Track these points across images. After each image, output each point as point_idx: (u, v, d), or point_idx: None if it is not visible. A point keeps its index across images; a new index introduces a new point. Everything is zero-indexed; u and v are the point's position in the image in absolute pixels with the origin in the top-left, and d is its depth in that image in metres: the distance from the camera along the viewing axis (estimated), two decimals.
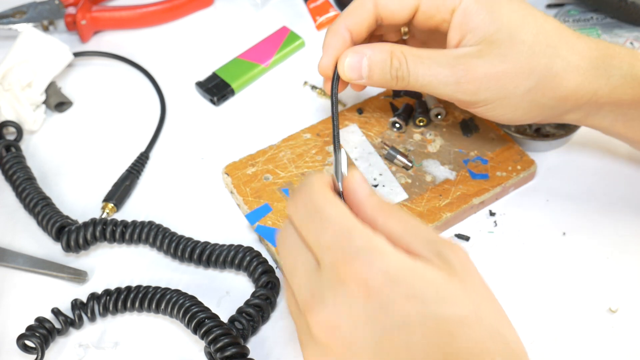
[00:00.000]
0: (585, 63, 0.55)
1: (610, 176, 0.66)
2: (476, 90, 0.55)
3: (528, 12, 0.56)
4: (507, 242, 0.62)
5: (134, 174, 0.67)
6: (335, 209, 0.43)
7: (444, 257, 0.42)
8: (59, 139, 0.71)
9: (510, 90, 0.55)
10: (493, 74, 0.54)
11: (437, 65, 0.55)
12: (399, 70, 0.55)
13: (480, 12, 0.55)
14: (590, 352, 0.56)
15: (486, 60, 0.54)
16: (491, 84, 0.55)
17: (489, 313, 0.42)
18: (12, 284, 0.61)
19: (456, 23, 0.56)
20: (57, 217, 0.62)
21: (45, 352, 0.56)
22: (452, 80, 0.55)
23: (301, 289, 0.43)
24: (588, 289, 0.59)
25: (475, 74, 0.54)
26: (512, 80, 0.55)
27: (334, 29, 0.58)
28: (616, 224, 0.63)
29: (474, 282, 0.42)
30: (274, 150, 0.66)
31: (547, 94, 0.55)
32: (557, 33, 0.56)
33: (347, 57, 0.56)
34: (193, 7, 0.81)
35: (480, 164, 0.65)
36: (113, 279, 0.61)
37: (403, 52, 0.55)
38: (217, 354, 0.54)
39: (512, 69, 0.54)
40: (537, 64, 0.54)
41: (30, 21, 0.76)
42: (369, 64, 0.56)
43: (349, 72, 0.56)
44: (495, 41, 0.54)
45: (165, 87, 0.74)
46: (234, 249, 0.59)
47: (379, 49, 0.56)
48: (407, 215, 0.44)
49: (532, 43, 0.54)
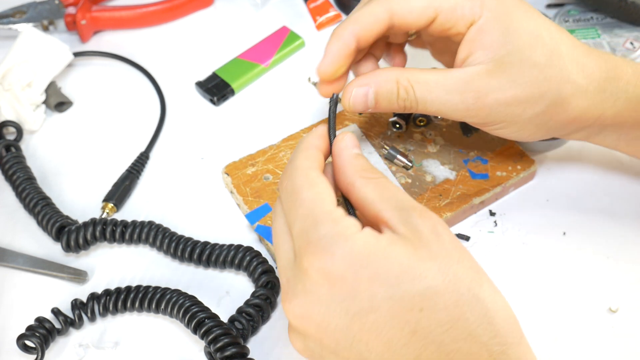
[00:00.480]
0: (593, 87, 0.54)
1: (610, 176, 0.66)
2: (485, 115, 0.54)
3: (545, 30, 0.54)
4: (507, 242, 0.62)
5: (134, 174, 0.67)
6: (309, 192, 0.45)
7: (413, 224, 0.43)
8: (59, 139, 0.71)
9: (518, 115, 0.54)
10: (502, 100, 0.53)
11: (446, 92, 0.53)
12: (406, 100, 0.54)
13: (494, 32, 0.53)
14: (590, 352, 0.56)
15: (496, 83, 0.53)
16: (500, 109, 0.54)
17: (461, 275, 0.43)
18: (12, 284, 0.61)
19: (469, 38, 0.54)
20: (57, 217, 0.62)
21: (45, 352, 0.56)
22: (462, 107, 0.54)
23: (282, 278, 0.46)
24: (588, 288, 0.59)
25: (485, 101, 0.53)
26: (521, 105, 0.54)
27: (340, 34, 0.54)
28: (616, 223, 0.63)
29: (444, 247, 0.43)
30: (274, 150, 0.66)
31: (554, 118, 0.55)
32: (570, 52, 0.54)
33: (352, 91, 0.54)
34: (193, 7, 0.80)
35: (480, 163, 0.65)
36: (113, 279, 0.61)
37: (410, 81, 0.53)
38: (217, 354, 0.54)
39: (521, 94, 0.53)
40: (547, 90, 0.53)
41: (30, 21, 0.76)
42: (375, 96, 0.54)
43: (354, 105, 0.54)
44: (506, 63, 0.53)
45: (165, 87, 0.74)
46: (234, 249, 0.59)
47: (385, 78, 0.54)
48: (385, 182, 0.46)
49: (544, 66, 0.53)
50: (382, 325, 0.42)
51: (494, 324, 0.42)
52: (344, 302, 0.42)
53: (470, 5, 0.53)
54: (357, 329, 0.42)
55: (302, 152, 0.48)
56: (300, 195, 0.45)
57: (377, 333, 0.42)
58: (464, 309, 0.42)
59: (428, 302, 0.42)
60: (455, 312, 0.42)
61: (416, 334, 0.42)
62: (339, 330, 0.43)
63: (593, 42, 0.74)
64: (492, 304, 0.43)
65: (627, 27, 0.75)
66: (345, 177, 0.47)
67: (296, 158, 0.47)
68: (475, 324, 0.42)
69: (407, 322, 0.42)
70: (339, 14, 0.80)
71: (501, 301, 0.44)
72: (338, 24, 0.79)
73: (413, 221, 0.43)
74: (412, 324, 0.42)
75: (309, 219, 0.44)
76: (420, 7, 0.53)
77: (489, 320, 0.42)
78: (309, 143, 0.48)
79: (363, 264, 0.42)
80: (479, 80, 0.53)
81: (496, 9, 0.53)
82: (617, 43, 0.74)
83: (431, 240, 0.43)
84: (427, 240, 0.43)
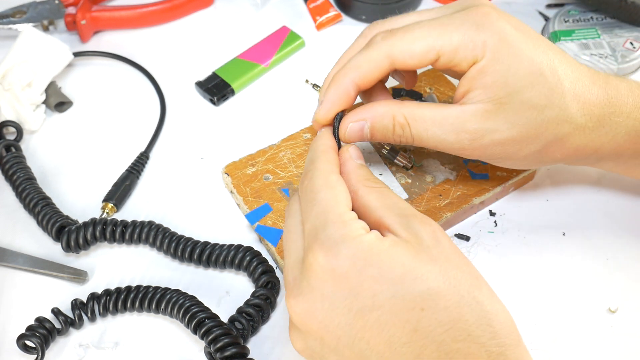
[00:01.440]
0: (592, 123, 0.54)
1: (610, 176, 0.66)
2: (481, 154, 0.54)
3: (547, 67, 0.52)
4: (507, 242, 0.62)
5: (134, 174, 0.67)
6: (326, 194, 0.47)
7: (414, 230, 0.45)
8: (59, 139, 0.71)
9: (514, 153, 0.54)
10: (498, 141, 0.53)
11: (442, 132, 0.53)
12: (402, 136, 0.54)
13: (495, 73, 0.52)
14: (590, 352, 0.56)
15: (492, 125, 0.52)
16: (496, 149, 0.54)
17: (461, 279, 0.44)
18: (12, 284, 0.61)
19: (469, 76, 0.53)
20: (57, 217, 0.62)
21: (45, 352, 0.56)
22: (457, 146, 0.53)
23: (288, 276, 0.47)
24: (587, 289, 0.59)
25: (481, 142, 0.53)
26: (517, 145, 0.53)
27: (339, 82, 0.53)
28: (616, 224, 0.63)
29: (444, 252, 0.44)
30: (274, 150, 0.66)
31: (550, 154, 0.55)
32: (572, 90, 0.53)
33: (348, 125, 0.53)
34: (193, 7, 0.81)
35: (481, 163, 0.65)
36: (113, 279, 0.61)
37: (406, 117, 0.53)
38: (217, 354, 0.54)
39: (518, 135, 0.53)
40: (545, 130, 0.53)
41: (30, 21, 0.76)
42: (371, 130, 0.54)
43: (350, 137, 0.54)
44: (505, 104, 0.52)
45: (165, 87, 0.74)
46: (234, 249, 0.60)
47: (381, 113, 0.53)
48: (387, 191, 0.48)
49: (543, 107, 0.52)
50: (383, 323, 0.43)
51: (493, 326, 0.43)
52: (347, 300, 0.43)
53: (472, 47, 0.52)
54: (359, 326, 0.43)
55: (323, 154, 0.50)
56: (317, 195, 0.47)
57: (379, 331, 0.43)
58: (463, 310, 0.43)
59: (429, 302, 0.43)
60: (455, 313, 0.42)
61: (417, 333, 0.42)
62: (341, 327, 0.44)
63: (593, 42, 0.74)
64: (491, 307, 0.44)
65: (627, 27, 0.75)
66: (349, 184, 0.48)
67: (317, 159, 0.49)
68: (475, 325, 0.43)
69: (408, 321, 0.43)
70: (339, 14, 0.80)
71: (499, 305, 0.44)
72: (338, 23, 0.80)
73: (414, 227, 0.45)
74: (413, 323, 0.43)
75: (320, 218, 0.45)
76: (422, 51, 0.52)
77: (488, 322, 0.43)
78: (327, 145, 0.51)
79: (367, 263, 0.43)
80: (476, 122, 0.52)
81: (499, 50, 0.52)
82: (617, 43, 0.74)
83: (431, 245, 0.44)
84: (428, 245, 0.44)
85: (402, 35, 0.52)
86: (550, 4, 0.80)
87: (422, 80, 0.71)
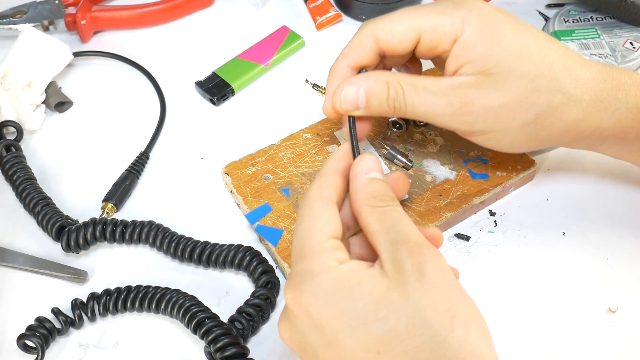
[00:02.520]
0: (588, 96, 0.54)
1: (610, 176, 0.66)
2: (472, 122, 0.54)
3: (533, 41, 0.53)
4: (507, 242, 0.62)
5: (134, 173, 0.67)
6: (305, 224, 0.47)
7: (398, 261, 0.43)
8: (59, 139, 0.71)
9: (507, 123, 0.54)
10: (489, 107, 0.53)
11: (434, 96, 0.53)
12: (395, 100, 0.54)
13: (478, 45, 0.52)
14: (590, 352, 0.56)
15: (483, 92, 0.53)
16: (488, 117, 0.53)
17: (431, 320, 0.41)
18: (12, 284, 0.61)
19: (454, 54, 0.53)
20: (57, 217, 0.62)
21: (45, 352, 0.56)
22: (448, 111, 0.53)
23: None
24: (587, 288, 0.59)
25: (472, 107, 0.53)
26: (509, 113, 0.53)
27: (335, 71, 0.56)
28: (616, 224, 0.63)
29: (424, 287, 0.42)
30: (274, 150, 0.66)
31: (547, 128, 0.54)
32: (562, 63, 0.54)
33: (343, 89, 0.54)
34: (193, 7, 0.81)
35: (480, 163, 0.65)
36: (113, 279, 0.61)
37: (399, 82, 0.54)
38: (217, 354, 0.54)
39: (509, 102, 0.53)
40: (537, 99, 0.53)
41: (30, 21, 0.76)
42: (366, 94, 0.54)
43: (345, 104, 0.54)
44: (494, 74, 0.52)
45: (165, 87, 0.74)
46: (234, 249, 0.60)
47: (375, 78, 0.54)
48: (391, 211, 0.46)
49: (533, 76, 0.52)
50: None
51: None
52: (312, 334, 0.44)
53: (451, 23, 0.53)
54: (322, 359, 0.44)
55: (317, 178, 0.49)
56: (299, 226, 0.47)
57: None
58: (423, 355, 0.41)
59: (386, 346, 0.42)
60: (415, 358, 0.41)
61: None
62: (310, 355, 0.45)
63: (593, 42, 0.74)
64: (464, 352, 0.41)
65: (627, 27, 0.75)
66: (355, 204, 0.47)
67: (311, 186, 0.49)
68: None
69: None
70: (339, 14, 0.80)
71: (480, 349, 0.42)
72: (338, 23, 0.80)
73: (400, 257, 0.43)
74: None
75: (295, 251, 0.46)
76: (402, 30, 0.54)
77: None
78: (328, 167, 0.50)
79: (330, 299, 0.43)
80: (467, 88, 0.53)
81: (478, 24, 0.53)
82: (617, 43, 0.74)
83: (410, 280, 0.42)
84: (406, 280, 0.42)
85: (384, 17, 0.55)
86: (550, 4, 0.80)
87: None
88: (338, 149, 0.51)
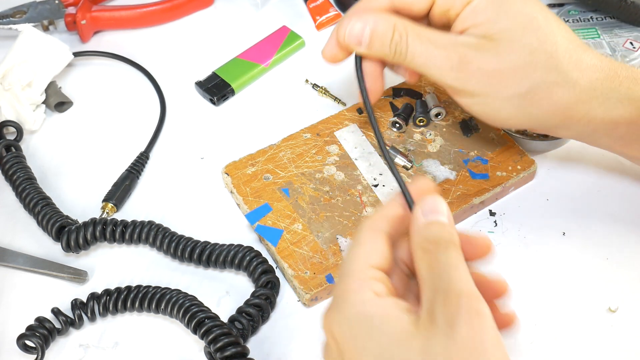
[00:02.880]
0: (584, 82, 0.54)
1: (610, 176, 0.66)
2: (466, 80, 0.54)
3: (541, 16, 0.54)
4: (507, 242, 0.62)
5: (134, 173, 0.67)
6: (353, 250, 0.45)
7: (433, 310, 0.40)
8: (59, 139, 0.71)
9: (498, 90, 0.54)
10: (485, 70, 0.53)
11: (434, 47, 0.54)
12: (398, 45, 0.54)
13: (487, 10, 0.53)
14: (590, 352, 0.56)
15: (482, 55, 0.53)
16: (482, 79, 0.54)
17: None
18: (12, 284, 0.61)
19: (463, 16, 0.54)
20: (57, 217, 0.62)
21: (45, 352, 0.56)
22: (445, 65, 0.54)
23: None
24: (588, 288, 0.59)
25: (469, 66, 0.53)
26: (503, 80, 0.54)
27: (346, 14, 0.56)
28: (616, 224, 0.63)
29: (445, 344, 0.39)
30: (274, 150, 0.66)
31: (535, 104, 0.54)
32: (565, 44, 0.54)
33: (350, 21, 0.54)
34: (193, 7, 0.80)
35: (480, 163, 0.65)
36: (113, 279, 0.61)
37: (406, 28, 0.54)
38: (217, 354, 0.54)
39: (505, 69, 0.53)
40: (533, 72, 0.53)
41: (30, 21, 0.76)
42: (371, 33, 0.54)
43: (348, 38, 0.54)
44: (495, 40, 0.53)
45: (165, 87, 0.74)
46: (234, 249, 0.60)
47: (383, 19, 0.54)
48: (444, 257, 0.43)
49: (534, 49, 0.53)
50: None
51: None
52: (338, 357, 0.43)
53: None
54: None
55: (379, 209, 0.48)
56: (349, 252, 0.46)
57: None
58: None
59: None
60: None
61: None
62: None
63: (593, 42, 0.74)
64: None
65: (627, 27, 0.75)
66: (412, 244, 0.45)
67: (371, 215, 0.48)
68: None
69: None
70: (339, 14, 0.80)
71: None
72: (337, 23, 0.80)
73: (435, 305, 0.40)
74: None
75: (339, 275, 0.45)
76: None
77: None
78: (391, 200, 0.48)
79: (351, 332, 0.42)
80: (468, 47, 0.54)
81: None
82: (617, 43, 0.74)
83: (437, 333, 0.39)
84: (434, 331, 0.40)
85: None
86: (550, 4, 0.80)
87: (422, 80, 0.71)
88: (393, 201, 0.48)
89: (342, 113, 0.69)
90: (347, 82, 0.74)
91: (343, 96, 0.72)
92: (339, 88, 0.73)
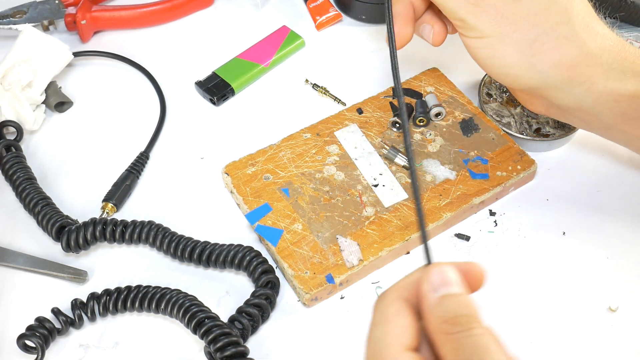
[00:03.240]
0: (591, 44, 0.55)
1: (610, 176, 0.66)
2: (479, 15, 0.55)
3: None
4: (507, 242, 0.62)
5: (134, 173, 0.67)
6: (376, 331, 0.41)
7: None
8: (59, 139, 0.71)
9: (507, 33, 0.55)
10: (500, 8, 0.54)
11: None
12: None
13: None
14: (590, 351, 0.56)
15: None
16: (496, 17, 0.55)
17: None
18: (12, 284, 0.61)
19: None
20: (57, 217, 0.62)
21: (45, 352, 0.56)
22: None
23: None
24: (588, 288, 0.59)
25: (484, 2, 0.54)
26: (515, 22, 0.55)
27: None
28: (616, 223, 0.63)
29: None
30: (274, 150, 0.66)
31: (541, 55, 0.55)
32: (581, 7, 0.55)
33: None
34: (193, 7, 0.80)
35: (480, 163, 0.65)
36: (113, 279, 0.61)
37: None
38: (217, 353, 0.54)
39: (519, 12, 0.54)
40: (545, 20, 0.54)
41: (30, 21, 0.76)
42: None
43: None
44: None
45: (165, 87, 0.74)
46: (234, 249, 0.60)
47: None
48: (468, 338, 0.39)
49: (551, 2, 0.54)
50: None
51: None
52: None
53: None
54: None
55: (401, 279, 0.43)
56: (372, 332, 0.41)
57: None
58: None
59: None
60: None
61: None
62: None
63: None
64: None
65: (627, 27, 0.75)
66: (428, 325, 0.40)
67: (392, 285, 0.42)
68: None
69: None
70: (339, 14, 0.80)
71: None
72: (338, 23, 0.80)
73: None
74: None
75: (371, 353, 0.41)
76: None
77: None
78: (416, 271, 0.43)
79: None
80: None
81: None
82: None
83: None
84: None
85: None
86: None
87: (422, 80, 0.71)
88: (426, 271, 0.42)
89: (342, 113, 0.69)
90: (347, 82, 0.74)
91: (343, 96, 0.72)
92: (339, 88, 0.73)
